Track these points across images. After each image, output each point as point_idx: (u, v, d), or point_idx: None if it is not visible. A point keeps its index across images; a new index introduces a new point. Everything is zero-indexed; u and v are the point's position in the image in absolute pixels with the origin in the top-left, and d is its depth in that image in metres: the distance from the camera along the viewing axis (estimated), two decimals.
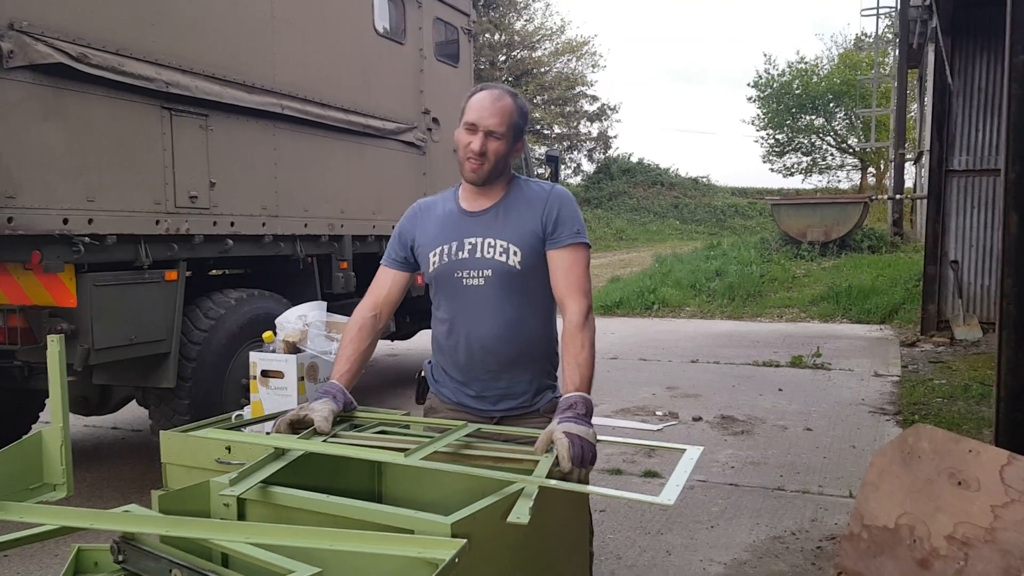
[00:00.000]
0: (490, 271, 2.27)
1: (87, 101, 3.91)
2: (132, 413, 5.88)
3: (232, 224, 4.76)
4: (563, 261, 2.26)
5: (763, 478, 4.91)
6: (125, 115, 4.10)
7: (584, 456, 1.88)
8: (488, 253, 2.27)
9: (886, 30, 25.14)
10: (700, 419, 6.39)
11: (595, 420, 2.08)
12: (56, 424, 1.90)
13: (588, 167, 34.70)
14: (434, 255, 2.32)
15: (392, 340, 8.01)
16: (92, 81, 3.89)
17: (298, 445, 1.98)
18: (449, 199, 2.42)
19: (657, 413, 6.60)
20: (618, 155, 33.95)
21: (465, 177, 2.30)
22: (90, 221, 3.91)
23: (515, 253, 2.26)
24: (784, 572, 3.61)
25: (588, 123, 35.10)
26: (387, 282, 2.44)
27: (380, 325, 2.42)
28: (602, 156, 34.57)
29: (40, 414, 5.71)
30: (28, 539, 1.69)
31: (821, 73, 33.27)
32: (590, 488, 1.87)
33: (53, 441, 1.90)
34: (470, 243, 2.29)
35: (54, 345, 1.88)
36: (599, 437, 1.98)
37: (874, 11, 22.88)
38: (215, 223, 4.65)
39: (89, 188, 3.92)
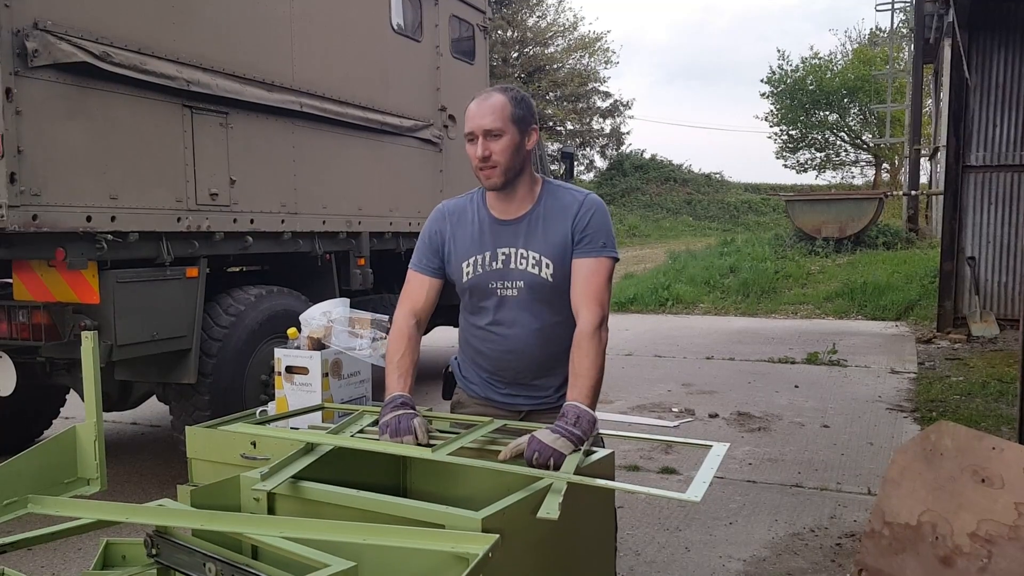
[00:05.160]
0: (523, 282, 2.29)
1: (110, 100, 3.94)
2: (151, 409, 5.93)
3: (252, 221, 4.79)
4: (585, 270, 2.25)
5: (781, 475, 4.91)
6: (147, 113, 4.13)
7: (532, 458, 1.89)
8: (521, 265, 2.28)
9: (900, 25, 24.97)
10: (716, 416, 6.38)
11: (612, 417, 2.11)
12: (90, 419, 1.92)
13: (601, 164, 34.71)
14: (467, 265, 2.32)
15: None
16: (115, 80, 3.92)
17: (327, 440, 2.00)
18: (478, 203, 2.38)
19: (673, 410, 6.59)
20: (631, 151, 33.93)
21: (485, 186, 2.28)
22: (113, 218, 3.95)
23: (547, 266, 2.27)
24: (804, 569, 3.61)
25: (601, 119, 35.08)
26: (423, 289, 2.39)
27: (421, 331, 2.40)
28: (615, 152, 34.55)
29: (61, 409, 5.78)
30: (64, 533, 1.72)
31: (835, 69, 33.09)
32: (617, 484, 1.88)
33: (87, 436, 1.92)
34: (503, 253, 2.29)
35: (88, 342, 1.91)
36: (619, 432, 1.99)
37: (889, 6, 22.75)
38: (235, 220, 4.67)
39: (112, 186, 3.95)
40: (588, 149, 34.89)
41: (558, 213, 2.29)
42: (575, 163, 15.15)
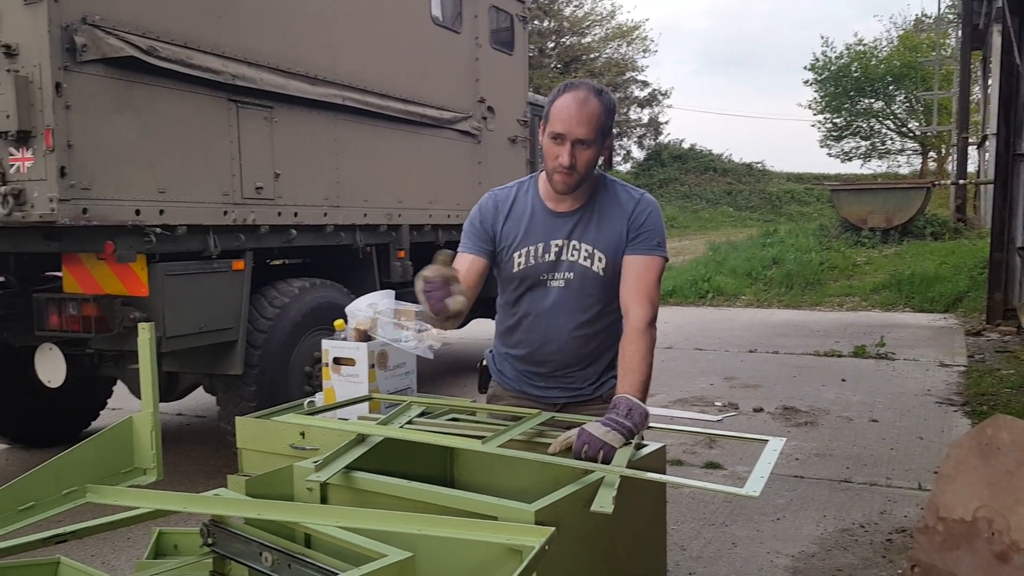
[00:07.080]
0: (572, 274, 2.26)
1: (157, 94, 3.99)
2: (196, 400, 6.01)
3: (296, 214, 4.83)
4: (637, 267, 2.22)
5: (829, 470, 4.83)
6: (194, 107, 4.18)
7: (582, 451, 1.85)
8: (573, 256, 2.26)
9: (947, 10, 24.41)
10: (761, 410, 6.30)
11: (653, 410, 2.07)
12: (146, 410, 1.95)
13: (638, 154, 34.40)
14: (519, 256, 2.28)
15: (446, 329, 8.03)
16: (162, 74, 3.97)
17: (378, 431, 2.00)
18: (531, 193, 2.33)
19: (716, 404, 6.52)
20: (669, 141, 33.57)
21: (555, 188, 2.22)
22: (161, 212, 4.00)
23: (600, 259, 2.25)
24: (854, 565, 3.55)
25: (639, 109, 34.76)
26: (466, 265, 2.23)
27: (467, 305, 1.99)
28: (652, 143, 34.23)
29: (108, 400, 5.88)
30: (122, 522, 1.74)
31: (880, 55, 32.43)
32: (671, 478, 1.86)
33: (144, 426, 1.95)
34: (556, 245, 2.26)
35: (144, 333, 1.92)
36: (666, 426, 1.95)
37: None
38: (279, 213, 4.71)
39: (160, 180, 4.00)
40: (625, 139, 34.62)
41: (614, 209, 2.27)
42: (613, 154, 15.08)
